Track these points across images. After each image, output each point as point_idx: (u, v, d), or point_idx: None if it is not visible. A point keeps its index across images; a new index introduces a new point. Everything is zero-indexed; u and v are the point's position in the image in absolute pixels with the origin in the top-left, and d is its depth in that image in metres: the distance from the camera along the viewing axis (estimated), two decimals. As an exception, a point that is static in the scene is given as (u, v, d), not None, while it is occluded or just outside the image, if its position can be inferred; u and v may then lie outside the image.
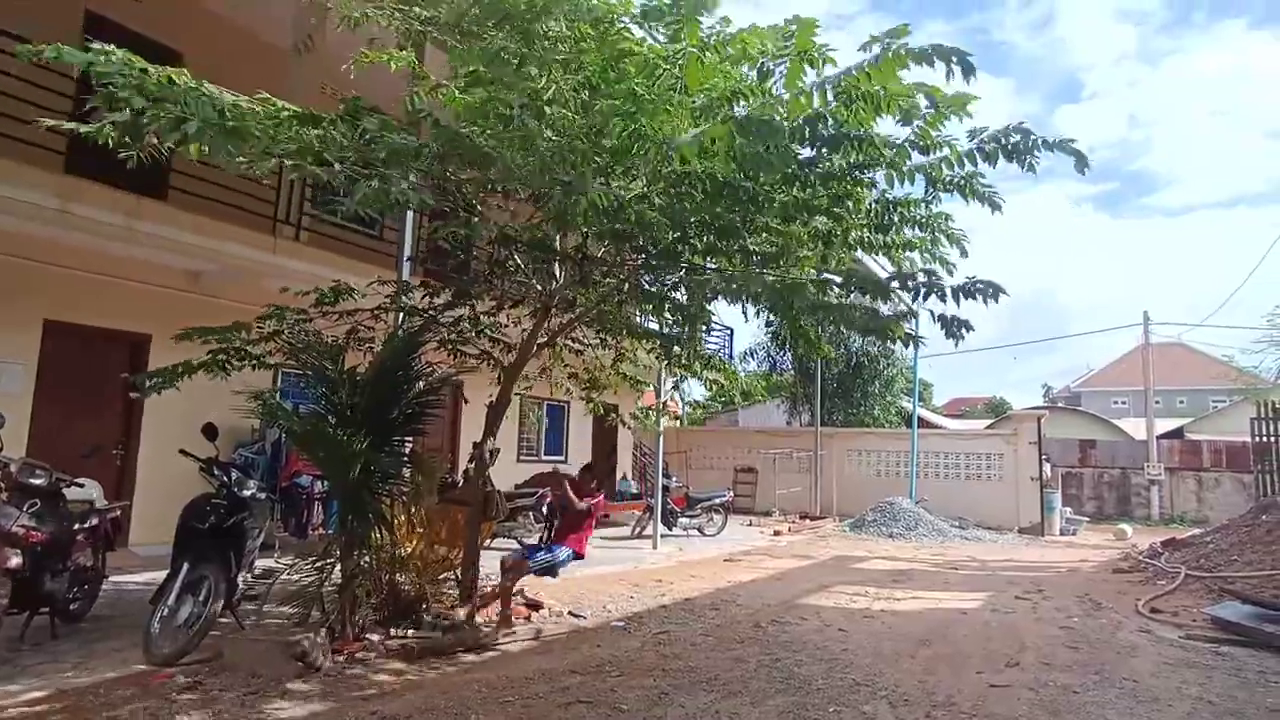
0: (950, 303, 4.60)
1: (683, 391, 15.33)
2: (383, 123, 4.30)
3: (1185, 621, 6.79)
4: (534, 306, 6.38)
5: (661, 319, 6.72)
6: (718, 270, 5.79)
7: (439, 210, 5.87)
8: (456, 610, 5.70)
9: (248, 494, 5.12)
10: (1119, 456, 21.81)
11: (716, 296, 5.87)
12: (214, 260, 7.71)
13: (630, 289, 6.23)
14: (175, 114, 3.40)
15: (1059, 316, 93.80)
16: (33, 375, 7.13)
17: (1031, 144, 3.85)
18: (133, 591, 5.97)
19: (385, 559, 5.46)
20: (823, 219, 5.09)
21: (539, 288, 6.19)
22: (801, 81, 3.71)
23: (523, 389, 7.04)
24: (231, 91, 3.84)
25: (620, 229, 4.93)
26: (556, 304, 6.21)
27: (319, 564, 5.23)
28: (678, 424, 23.06)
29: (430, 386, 5.72)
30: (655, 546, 10.74)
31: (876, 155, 4.32)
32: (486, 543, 6.76)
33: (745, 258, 5.45)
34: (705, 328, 8.76)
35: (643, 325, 7.61)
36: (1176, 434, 24.88)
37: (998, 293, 4.46)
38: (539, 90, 4.15)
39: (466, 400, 8.91)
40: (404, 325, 6.18)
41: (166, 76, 3.52)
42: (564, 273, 6.14)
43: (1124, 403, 38.70)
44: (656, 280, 6.10)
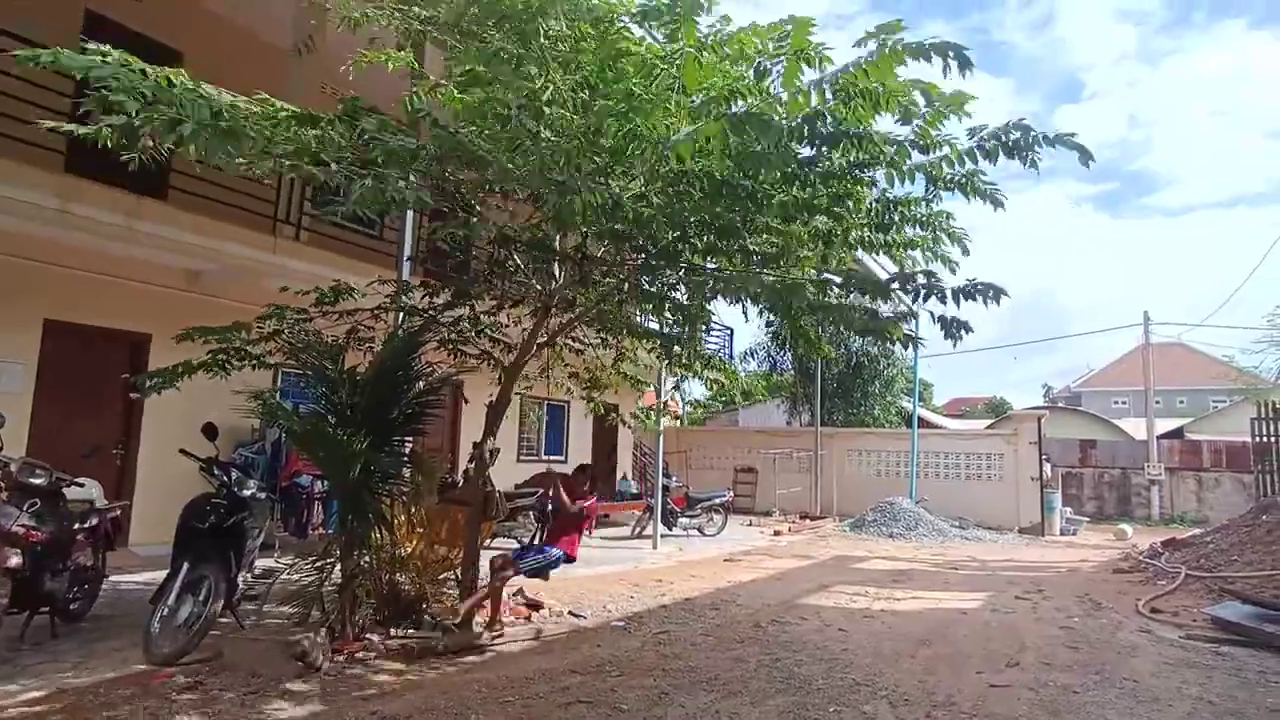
0: (950, 304, 4.59)
1: (683, 391, 15.33)
2: (381, 123, 4.28)
3: (1185, 621, 6.79)
4: (534, 306, 6.38)
5: (662, 319, 6.71)
6: (717, 269, 5.78)
7: (438, 210, 5.86)
8: (456, 610, 5.69)
9: (248, 494, 5.13)
10: (1119, 456, 21.82)
11: (715, 296, 5.86)
12: (214, 260, 7.72)
13: (630, 288, 6.23)
14: (170, 116, 3.39)
15: (1059, 316, 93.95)
16: (33, 375, 7.14)
17: (1032, 140, 3.83)
18: (133, 591, 5.98)
19: (385, 559, 5.46)
20: (823, 218, 5.08)
21: (539, 287, 6.19)
22: (799, 80, 3.71)
23: (523, 389, 7.03)
24: (230, 92, 3.84)
25: (619, 229, 4.92)
26: (556, 304, 6.21)
27: (319, 564, 5.23)
28: (678, 424, 23.07)
29: (430, 386, 5.72)
30: (655, 546, 10.74)
31: (876, 153, 4.31)
32: (486, 543, 6.76)
33: (745, 257, 5.44)
34: (705, 327, 8.75)
35: (643, 325, 7.60)
36: (1177, 434, 24.89)
37: (999, 295, 4.42)
38: (536, 90, 4.15)
39: (467, 400, 8.91)
40: (404, 325, 6.18)
41: (165, 78, 3.51)
42: (563, 273, 6.14)
43: (1124, 403, 38.70)
44: (656, 280, 6.09)
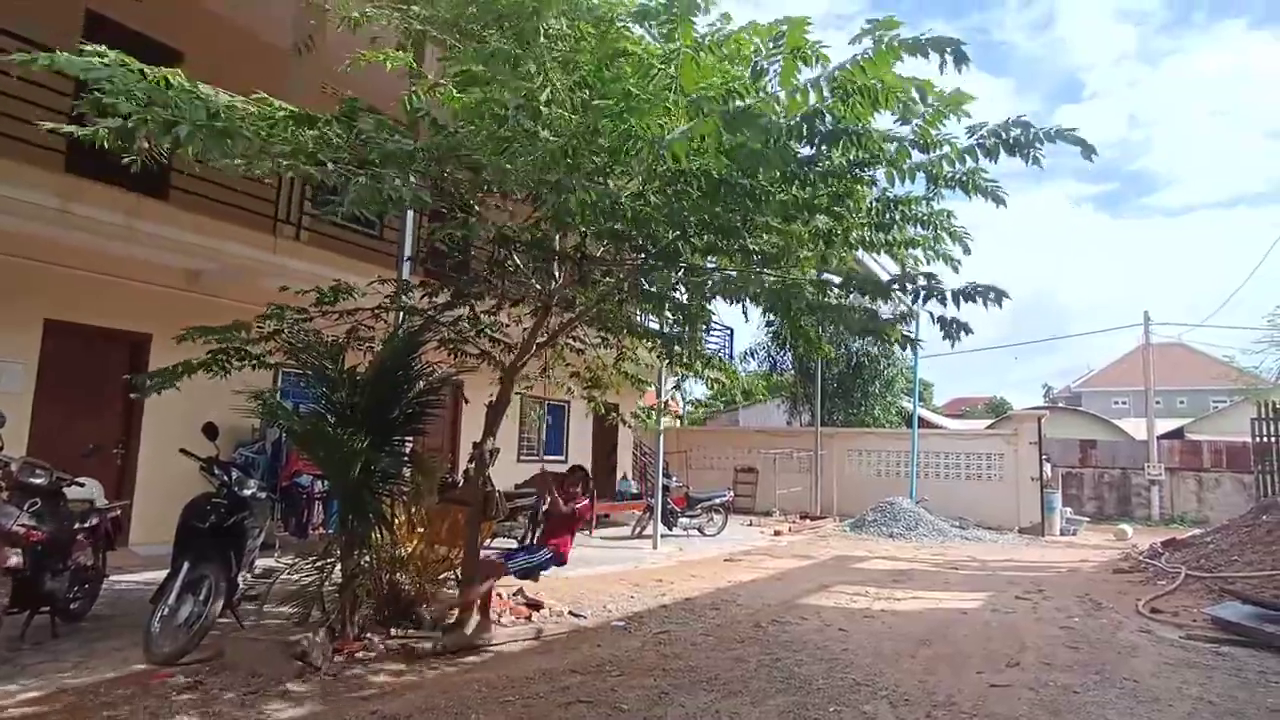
0: (950, 305, 4.58)
1: (684, 391, 15.33)
2: (378, 123, 4.28)
3: (1185, 622, 6.79)
4: (534, 306, 6.38)
5: (662, 318, 6.71)
6: (716, 269, 5.78)
7: (438, 210, 5.86)
8: (450, 610, 5.69)
9: (248, 493, 5.13)
10: (1119, 457, 21.81)
11: (715, 296, 5.86)
12: (214, 260, 7.72)
13: (630, 288, 6.22)
14: (165, 117, 3.38)
15: (1059, 316, 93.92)
16: (33, 375, 7.14)
17: (1033, 136, 3.82)
18: (133, 591, 5.97)
19: (385, 559, 5.46)
20: (823, 218, 5.07)
21: (538, 287, 6.19)
22: (796, 79, 3.71)
23: (524, 389, 7.03)
24: (228, 92, 3.83)
25: (617, 228, 4.92)
26: (556, 303, 6.21)
27: (319, 564, 5.23)
28: (678, 424, 23.07)
29: (430, 386, 5.72)
30: (655, 546, 10.73)
31: (876, 150, 4.29)
32: (486, 542, 6.75)
33: (746, 257, 5.44)
34: (705, 327, 8.75)
35: (643, 324, 7.60)
36: (1177, 434, 24.88)
37: (1000, 298, 4.39)
38: (534, 90, 4.14)
39: (467, 400, 8.91)
40: (404, 325, 6.18)
41: (161, 78, 3.50)
42: (562, 272, 6.14)
43: (1124, 403, 38.70)
44: (656, 280, 6.08)
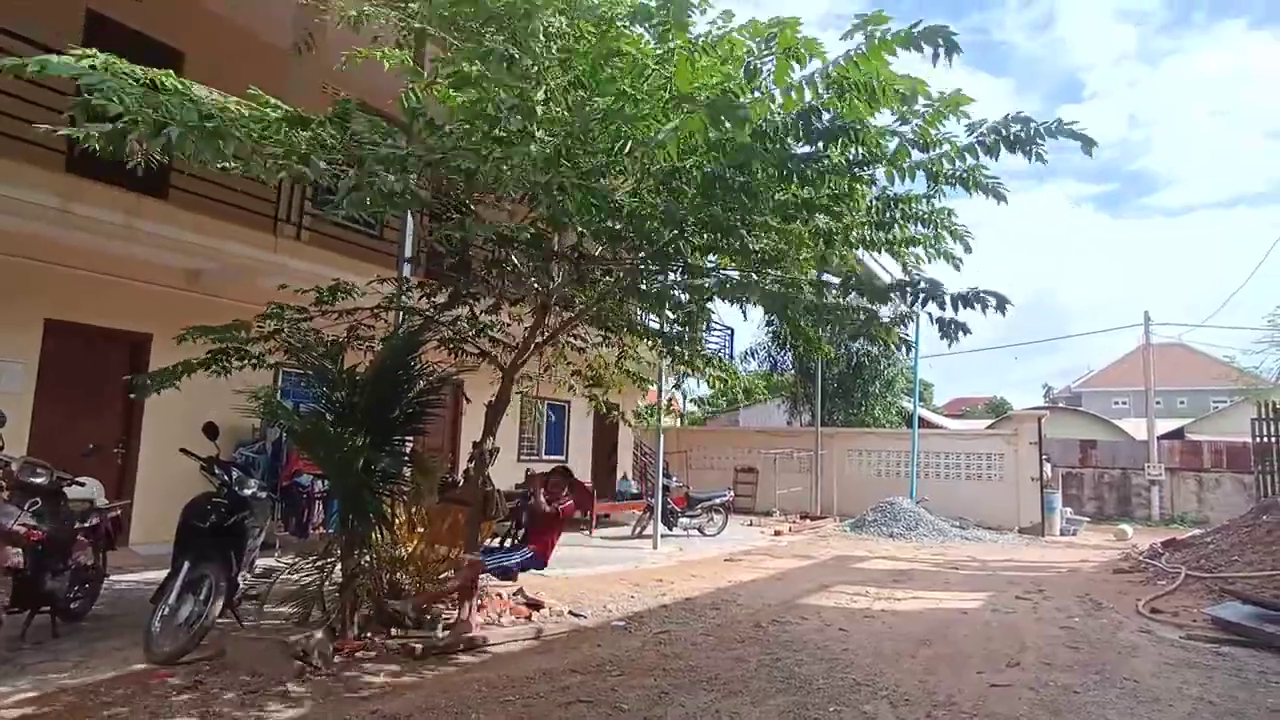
0: (951, 309, 4.56)
1: (684, 390, 15.33)
2: (372, 124, 4.26)
3: (1186, 622, 6.79)
4: (533, 305, 6.38)
5: (662, 316, 6.71)
6: (715, 269, 5.78)
7: (437, 211, 5.85)
8: (455, 610, 5.69)
9: (248, 493, 5.12)
10: (1119, 457, 21.79)
11: (712, 297, 5.86)
12: (215, 259, 7.72)
13: (629, 287, 6.22)
14: (156, 119, 3.37)
15: (1059, 316, 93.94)
16: (34, 374, 7.14)
17: (1034, 132, 3.81)
18: (133, 590, 5.98)
19: (385, 558, 5.46)
20: (823, 217, 5.07)
21: (537, 287, 6.19)
22: (790, 77, 3.71)
23: (525, 388, 7.02)
24: (222, 93, 3.82)
25: (615, 228, 4.91)
26: (555, 302, 6.21)
27: (319, 563, 5.23)
28: (678, 423, 23.07)
29: (430, 386, 5.72)
30: (655, 546, 10.73)
31: (874, 147, 4.28)
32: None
33: (745, 258, 5.44)
34: (705, 326, 8.74)
35: (644, 323, 7.59)
36: (1177, 434, 24.87)
37: (1003, 305, 4.35)
38: (528, 90, 4.12)
39: (468, 400, 8.90)
40: (403, 325, 6.18)
41: (155, 79, 3.49)
42: (561, 272, 6.13)
43: (1124, 403, 38.69)
44: (655, 279, 6.08)
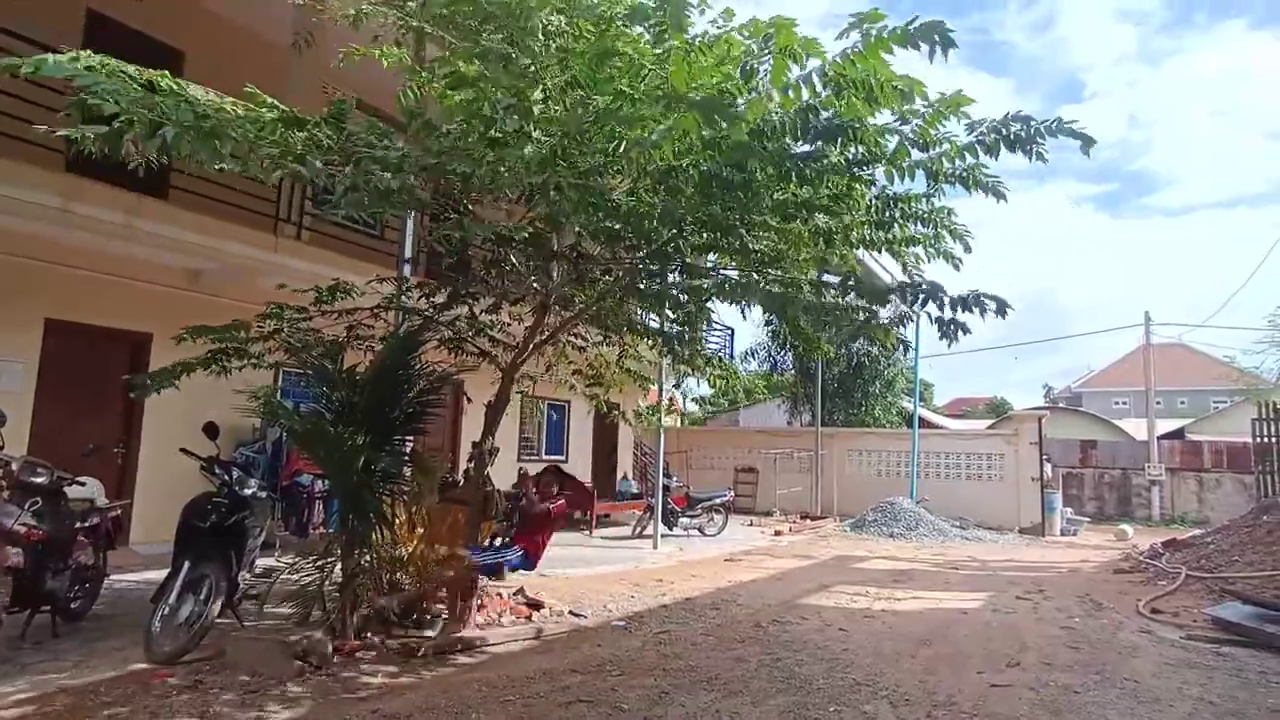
0: (949, 311, 4.54)
1: (684, 390, 15.34)
2: (368, 125, 4.26)
3: (1186, 622, 6.79)
4: (533, 305, 6.37)
5: (663, 315, 6.70)
6: (714, 269, 5.77)
7: (436, 211, 5.85)
8: (453, 610, 5.68)
9: (249, 493, 5.13)
10: (1120, 457, 21.79)
11: (711, 298, 5.85)
12: (215, 259, 7.72)
13: (628, 286, 6.21)
14: (151, 119, 3.36)
15: (1059, 316, 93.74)
16: (34, 374, 7.14)
17: (1034, 131, 3.81)
18: (133, 590, 5.98)
19: (385, 558, 5.45)
20: (823, 217, 5.07)
21: (536, 286, 6.18)
22: (787, 76, 3.72)
23: (527, 387, 7.02)
24: (219, 93, 3.81)
25: (613, 227, 4.90)
26: (555, 301, 6.20)
27: (320, 563, 5.23)
28: (678, 423, 23.07)
29: (430, 386, 5.72)
30: (656, 546, 10.73)
31: (873, 145, 4.27)
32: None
33: (745, 257, 5.43)
34: (706, 324, 8.74)
35: (644, 322, 7.59)
36: (1177, 434, 24.86)
37: (1003, 308, 4.33)
38: (524, 89, 4.11)
39: (469, 399, 8.90)
40: (403, 325, 6.18)
41: (149, 79, 3.49)
42: (560, 271, 6.13)
43: (1125, 403, 38.68)
44: (654, 280, 6.07)
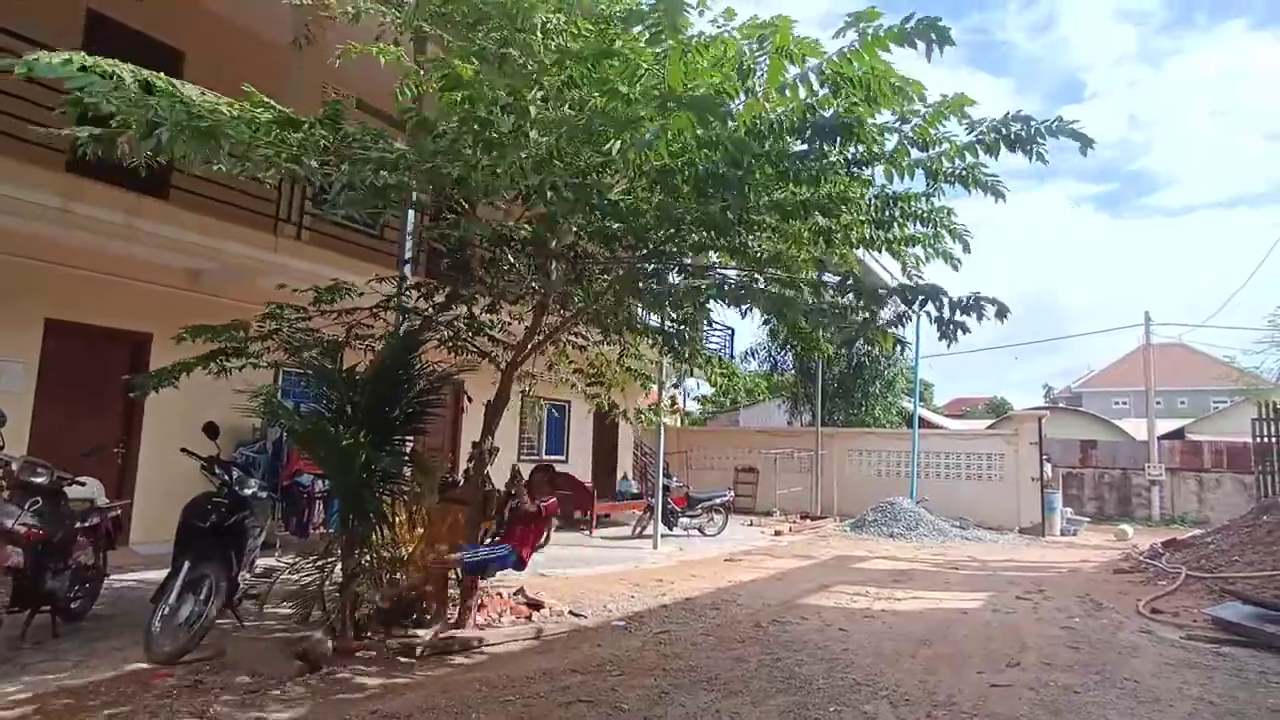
0: (948, 313, 4.53)
1: (684, 389, 15.34)
2: (363, 127, 4.25)
3: (1186, 622, 6.79)
4: (532, 304, 6.37)
5: (663, 314, 6.70)
6: (712, 268, 5.77)
7: (433, 210, 5.85)
8: (453, 609, 5.69)
9: (249, 493, 5.13)
10: (1120, 457, 21.79)
11: (709, 300, 5.84)
12: (215, 259, 7.72)
13: (626, 286, 6.19)
14: (147, 119, 3.35)
15: (1059, 316, 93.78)
16: (34, 374, 7.14)
17: (1034, 131, 3.80)
18: (134, 590, 5.98)
19: (385, 558, 5.46)
20: (821, 217, 5.07)
21: (535, 285, 6.18)
22: (784, 76, 3.71)
23: (528, 387, 7.02)
24: (215, 94, 3.81)
25: (609, 227, 4.90)
26: (554, 301, 6.20)
27: (320, 563, 5.24)
28: (679, 423, 23.05)
29: (430, 385, 5.72)
30: (656, 546, 10.72)
31: (870, 143, 4.26)
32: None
33: (744, 257, 5.43)
34: (707, 323, 8.73)
35: (644, 321, 7.58)
36: (1177, 434, 24.85)
37: (1002, 312, 4.30)
38: (520, 89, 4.10)
39: (470, 399, 8.89)
40: (402, 324, 6.17)
41: (144, 80, 3.48)
42: (558, 271, 6.12)
43: (1125, 403, 38.68)
44: (652, 280, 6.06)
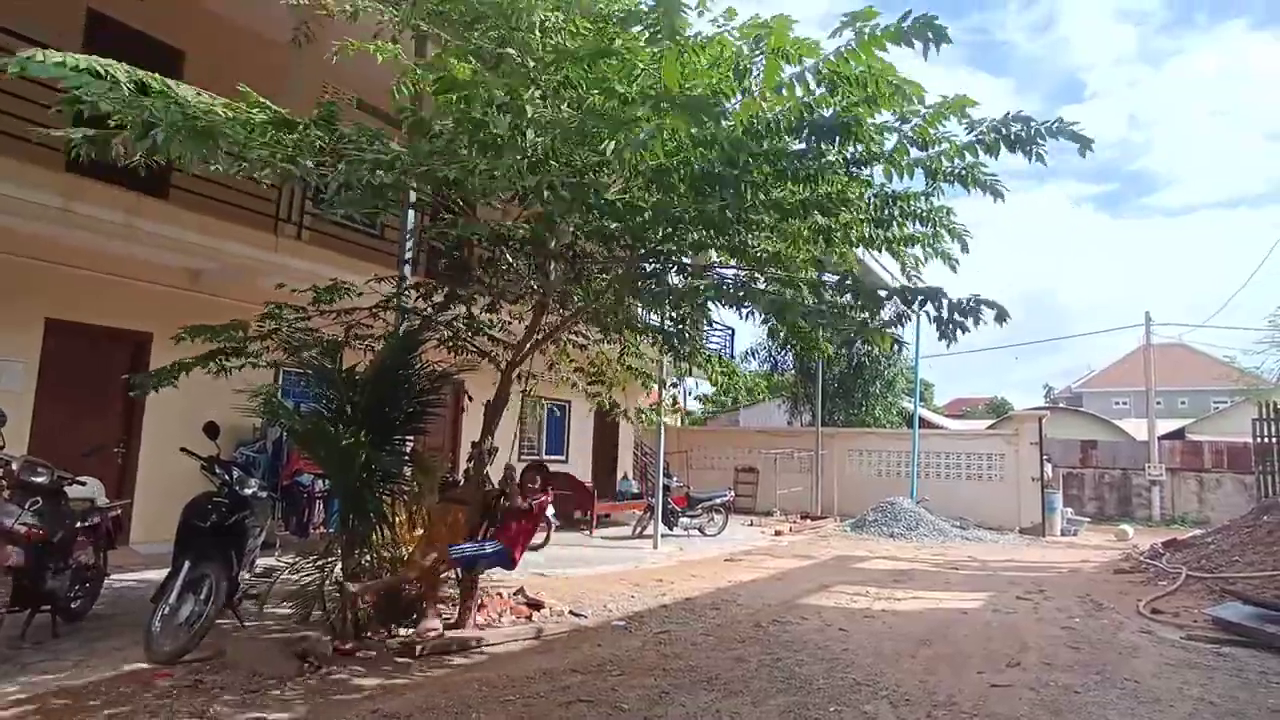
0: (947, 315, 4.53)
1: (685, 389, 15.33)
2: (358, 128, 4.25)
3: (1186, 622, 6.79)
4: (531, 303, 6.37)
5: (663, 314, 6.69)
6: (711, 268, 5.76)
7: (431, 209, 5.84)
8: (453, 609, 5.69)
9: (249, 492, 5.12)
10: (1120, 457, 21.79)
11: (708, 300, 5.84)
12: (215, 259, 7.72)
13: (626, 285, 6.19)
14: (143, 120, 3.34)
15: (1059, 316, 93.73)
16: (34, 374, 7.14)
17: (1034, 132, 3.80)
18: (134, 590, 5.98)
19: (386, 558, 5.46)
20: (820, 216, 5.06)
21: (534, 285, 6.18)
22: (780, 76, 3.71)
23: (529, 387, 7.02)
24: (211, 94, 3.81)
25: (607, 226, 4.90)
26: (553, 300, 6.20)
27: (320, 563, 5.24)
28: (679, 423, 23.05)
29: (430, 385, 5.72)
30: (656, 546, 10.73)
31: (868, 141, 4.25)
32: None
33: (742, 256, 5.42)
34: (707, 322, 8.72)
35: (644, 320, 7.58)
36: (1178, 435, 24.85)
37: (1002, 316, 4.28)
38: (517, 88, 4.09)
39: (470, 399, 8.90)
40: (402, 324, 6.18)
41: (139, 80, 3.48)
42: (557, 270, 6.12)
43: (1125, 403, 38.66)
44: (651, 279, 6.06)
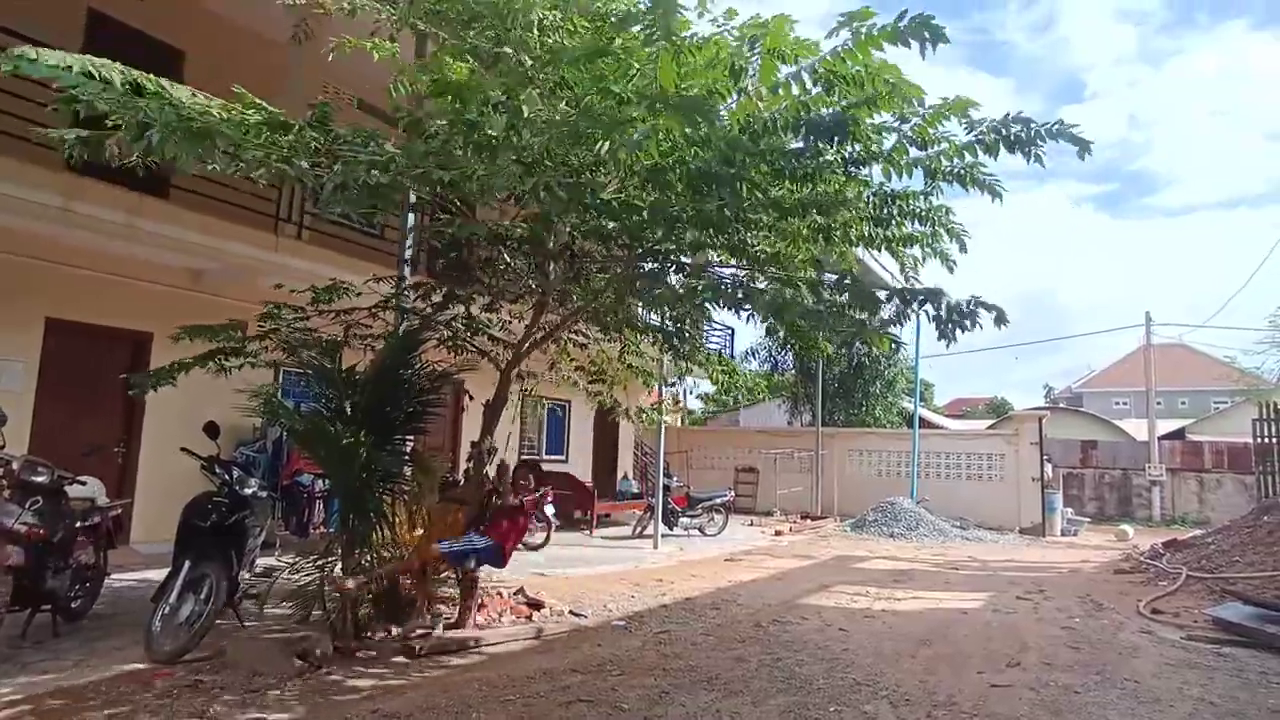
0: (945, 314, 4.52)
1: (684, 388, 15.31)
2: (355, 129, 4.26)
3: (1187, 622, 6.79)
4: (531, 303, 6.37)
5: (663, 314, 6.69)
6: (709, 267, 5.76)
7: (429, 209, 5.85)
8: (453, 609, 5.69)
9: (249, 492, 5.13)
10: (1120, 457, 21.79)
11: (706, 301, 5.84)
12: (216, 259, 7.72)
13: (624, 285, 6.19)
14: (138, 120, 3.34)
15: (1059, 316, 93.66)
16: (34, 373, 7.15)
17: (1034, 133, 3.81)
18: (134, 589, 5.99)
19: (386, 558, 5.46)
20: (819, 215, 5.06)
21: (533, 284, 6.18)
22: (776, 76, 3.71)
23: (530, 386, 7.02)
24: (206, 95, 3.81)
25: (604, 226, 4.90)
26: (552, 299, 6.20)
27: (320, 563, 5.24)
28: (679, 423, 23.06)
29: (430, 385, 5.71)
30: (656, 546, 10.73)
31: (865, 140, 4.25)
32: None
33: (741, 256, 5.42)
34: (707, 320, 8.71)
35: (644, 319, 7.58)
36: (1178, 435, 24.85)
37: (1001, 319, 4.27)
38: (513, 87, 4.09)
39: (470, 398, 8.90)
40: (402, 324, 6.18)
41: (134, 81, 3.48)
42: (555, 269, 6.12)
43: (1125, 403, 38.66)
44: (650, 279, 6.06)
